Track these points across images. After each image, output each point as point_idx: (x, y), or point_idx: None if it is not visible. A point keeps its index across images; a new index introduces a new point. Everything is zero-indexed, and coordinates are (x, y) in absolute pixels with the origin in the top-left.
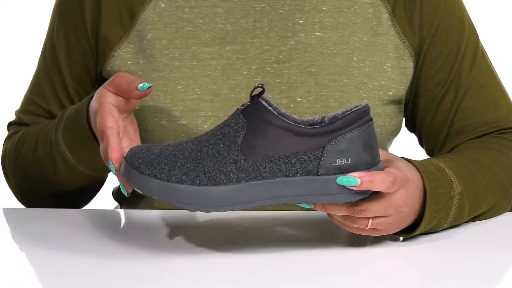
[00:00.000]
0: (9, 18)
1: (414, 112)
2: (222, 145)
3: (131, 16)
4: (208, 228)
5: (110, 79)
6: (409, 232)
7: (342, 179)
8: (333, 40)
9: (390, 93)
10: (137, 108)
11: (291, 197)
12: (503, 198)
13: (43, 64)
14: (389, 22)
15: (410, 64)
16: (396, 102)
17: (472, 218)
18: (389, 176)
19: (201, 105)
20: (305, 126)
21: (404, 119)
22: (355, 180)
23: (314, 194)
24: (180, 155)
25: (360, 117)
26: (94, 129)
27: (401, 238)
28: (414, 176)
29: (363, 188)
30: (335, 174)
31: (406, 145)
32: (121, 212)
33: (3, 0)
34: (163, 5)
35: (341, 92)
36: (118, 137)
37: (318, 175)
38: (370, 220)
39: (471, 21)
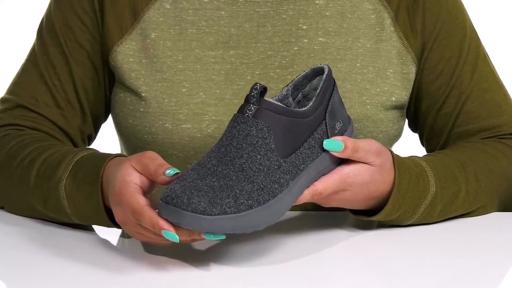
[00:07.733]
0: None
1: (416, 115)
2: (259, 156)
3: (135, 14)
4: None
5: (137, 157)
6: (370, 215)
7: (331, 143)
8: (336, 46)
9: (393, 98)
10: (142, 110)
11: (316, 175)
12: (488, 203)
13: (32, 64)
14: (392, 28)
15: (412, 70)
16: (398, 107)
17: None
18: (374, 143)
19: (205, 109)
20: (301, 109)
21: (406, 120)
22: (340, 144)
23: (331, 163)
24: (230, 182)
25: (330, 80)
26: (107, 196)
27: (406, 242)
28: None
29: (347, 153)
30: None
31: (407, 149)
32: None
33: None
34: (168, 6)
35: (343, 98)
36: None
37: None
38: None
39: (473, 26)
